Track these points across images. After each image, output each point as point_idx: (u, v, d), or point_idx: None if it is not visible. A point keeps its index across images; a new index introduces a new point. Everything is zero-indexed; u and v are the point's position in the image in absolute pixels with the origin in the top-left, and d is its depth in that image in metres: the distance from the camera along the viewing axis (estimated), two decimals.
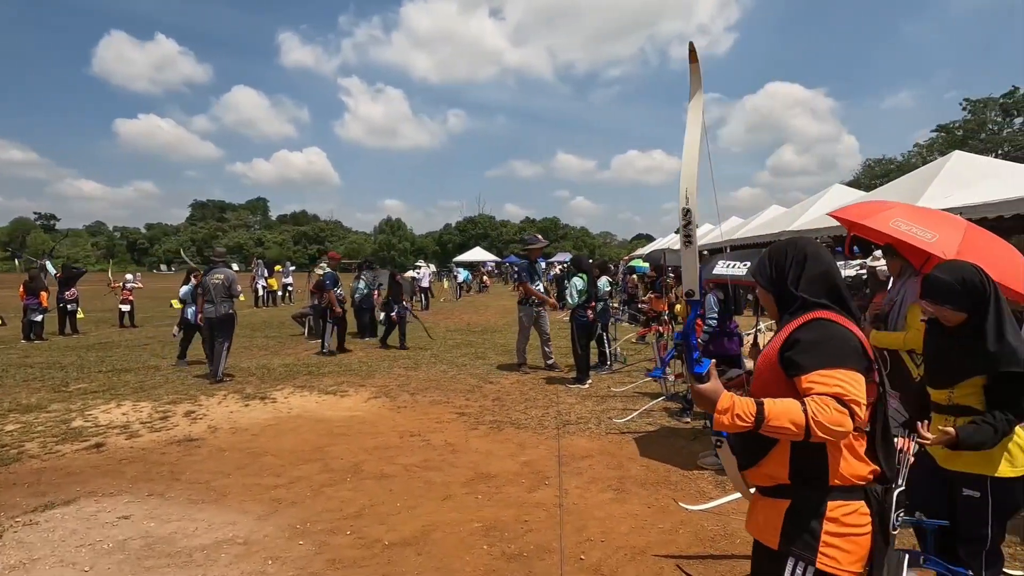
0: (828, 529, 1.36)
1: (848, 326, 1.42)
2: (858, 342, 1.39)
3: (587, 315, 7.00)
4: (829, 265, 1.54)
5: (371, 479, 4.14)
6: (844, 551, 1.34)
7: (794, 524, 1.40)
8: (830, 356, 1.34)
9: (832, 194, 16.64)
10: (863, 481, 1.37)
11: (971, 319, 2.12)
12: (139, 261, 79.74)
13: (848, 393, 1.28)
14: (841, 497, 1.37)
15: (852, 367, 1.32)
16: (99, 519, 3.48)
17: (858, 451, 1.37)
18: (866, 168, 50.49)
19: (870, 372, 1.38)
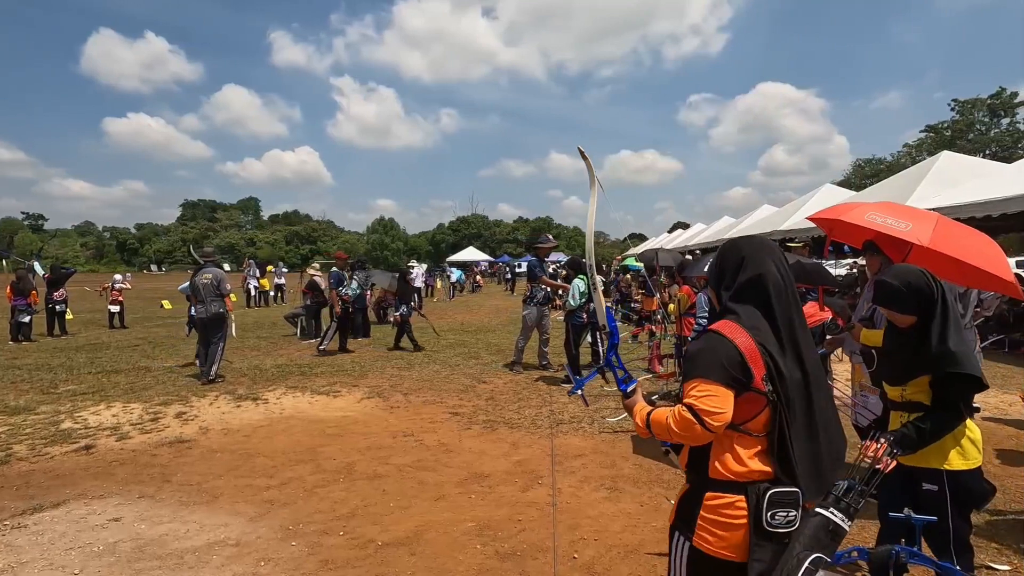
0: (704, 514, 1.53)
1: (734, 339, 1.50)
2: (733, 357, 1.48)
3: (582, 317, 7.01)
4: (763, 271, 1.59)
5: (364, 480, 4.13)
6: (716, 536, 1.51)
7: (683, 505, 1.62)
8: (698, 368, 1.50)
9: (823, 194, 16.77)
10: (743, 479, 1.50)
11: (920, 321, 2.22)
12: (129, 261, 78.99)
13: (698, 404, 1.46)
14: (718, 489, 1.52)
15: (713, 380, 1.46)
16: (89, 522, 3.45)
17: (740, 452, 1.51)
18: (856, 168, 50.87)
19: (744, 386, 1.47)
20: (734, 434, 1.51)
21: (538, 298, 7.97)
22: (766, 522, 1.46)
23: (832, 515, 1.50)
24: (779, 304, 1.56)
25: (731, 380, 1.47)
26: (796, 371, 1.53)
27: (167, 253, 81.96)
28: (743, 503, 1.49)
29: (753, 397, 1.49)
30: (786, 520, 1.47)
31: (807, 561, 1.41)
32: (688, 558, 1.57)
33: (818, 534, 1.47)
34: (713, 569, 1.53)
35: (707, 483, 1.54)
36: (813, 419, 1.52)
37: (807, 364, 1.55)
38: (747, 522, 1.48)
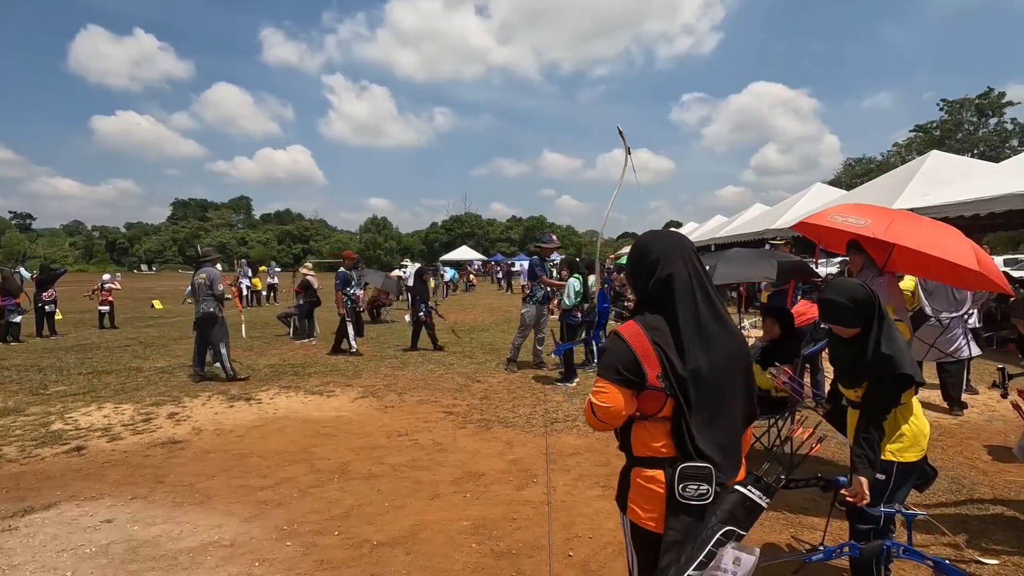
0: (632, 488, 1.68)
1: (628, 339, 1.62)
2: (627, 359, 1.60)
3: (576, 316, 7.04)
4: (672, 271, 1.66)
5: (358, 479, 4.12)
6: (642, 507, 1.65)
7: (619, 483, 1.77)
8: (600, 367, 1.68)
9: (814, 192, 16.89)
10: (660, 455, 1.64)
11: (862, 331, 2.33)
12: (119, 261, 78.30)
13: (592, 398, 1.63)
14: (641, 465, 1.67)
15: (605, 379, 1.62)
16: (81, 523, 3.42)
17: (652, 433, 1.64)
18: (847, 167, 51.30)
19: (640, 384, 1.60)
20: (647, 422, 1.65)
21: (538, 297, 7.99)
22: (678, 494, 1.57)
23: (750, 492, 1.58)
24: (682, 303, 1.63)
25: (622, 380, 1.60)
26: (699, 364, 1.60)
27: (157, 252, 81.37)
28: (661, 477, 1.61)
29: (653, 393, 1.61)
30: (697, 493, 1.57)
31: (719, 532, 1.52)
32: (630, 531, 1.72)
33: (735, 509, 1.56)
34: (646, 539, 1.66)
35: (633, 460, 1.69)
36: (717, 407, 1.63)
37: (712, 356, 1.62)
38: (664, 494, 1.60)
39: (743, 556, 1.49)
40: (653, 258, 1.69)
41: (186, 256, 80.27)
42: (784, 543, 3.18)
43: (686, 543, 1.54)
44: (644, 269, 1.71)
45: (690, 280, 1.65)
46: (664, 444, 1.63)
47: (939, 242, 3.13)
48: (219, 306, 7.50)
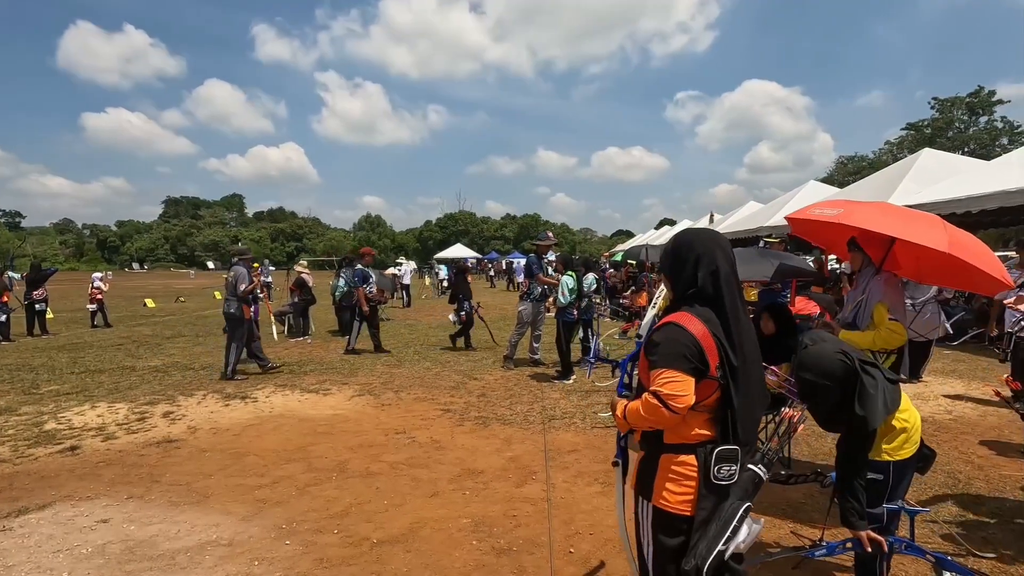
0: (661, 475, 1.73)
1: (691, 329, 1.67)
2: (692, 346, 1.65)
3: (573, 313, 7.04)
4: (717, 266, 1.75)
5: (356, 477, 4.11)
6: (672, 493, 1.70)
7: (642, 471, 1.81)
8: (663, 357, 1.67)
9: (808, 190, 16.96)
10: (692, 441, 1.71)
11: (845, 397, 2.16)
12: (110, 260, 77.61)
13: (662, 390, 1.63)
14: (673, 451, 1.72)
15: (675, 368, 1.64)
16: (76, 523, 3.39)
17: (688, 421, 1.70)
18: (839, 165, 51.56)
19: (703, 373, 1.66)
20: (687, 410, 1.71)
21: (535, 294, 7.99)
22: (713, 476, 1.66)
23: (758, 469, 1.73)
24: (728, 296, 1.73)
25: (691, 368, 1.65)
26: (743, 353, 1.71)
27: (149, 251, 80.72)
28: (694, 461, 1.70)
29: (708, 383, 1.68)
30: (729, 474, 1.68)
31: (741, 509, 1.65)
32: (653, 518, 1.76)
33: (747, 486, 1.71)
34: (674, 524, 1.72)
35: (661, 447, 1.74)
36: (750, 388, 1.74)
37: (746, 348, 1.73)
38: (697, 477, 1.68)
39: (753, 527, 1.68)
40: (699, 253, 1.78)
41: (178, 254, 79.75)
42: (779, 539, 3.19)
43: (711, 521, 1.64)
44: (689, 264, 1.78)
45: (730, 274, 1.77)
46: (699, 430, 1.71)
47: (910, 228, 3.12)
48: (240, 306, 7.47)
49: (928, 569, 2.82)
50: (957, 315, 9.80)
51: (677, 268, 1.83)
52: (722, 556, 1.61)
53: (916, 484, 3.91)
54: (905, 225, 3.14)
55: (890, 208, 3.57)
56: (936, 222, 3.19)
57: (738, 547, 1.64)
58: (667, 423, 1.68)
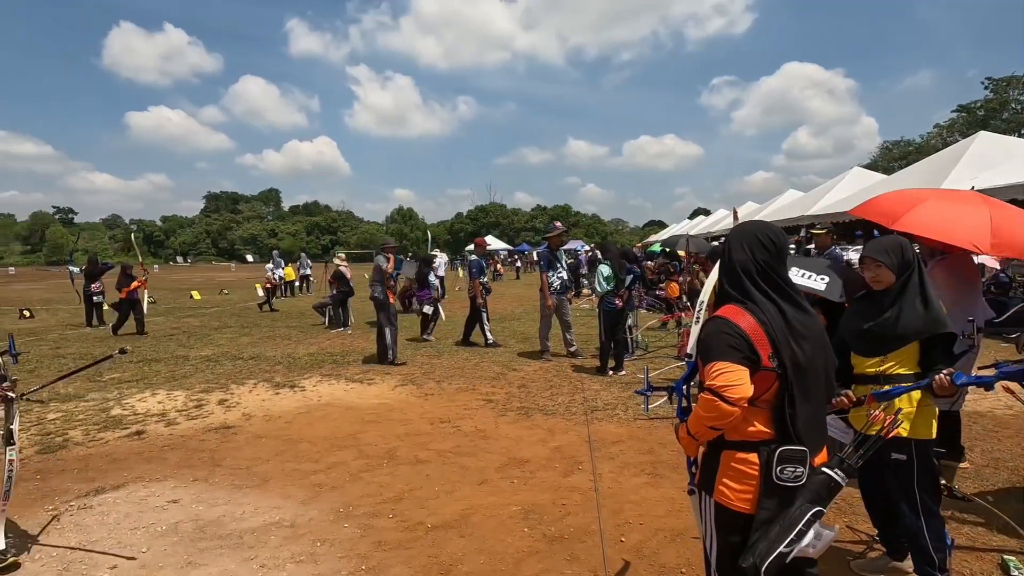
0: (722, 471, 1.71)
1: (737, 321, 1.65)
2: (737, 336, 1.63)
3: (615, 303, 6.96)
4: (753, 258, 1.74)
5: (406, 465, 4.22)
6: (733, 489, 1.69)
7: (704, 465, 1.80)
8: (711, 351, 1.65)
9: (851, 177, 16.39)
10: (755, 438, 1.67)
11: (897, 284, 2.38)
12: (156, 253, 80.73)
13: (716, 383, 1.60)
14: (735, 448, 1.69)
15: (726, 359, 1.61)
16: (149, 503, 3.59)
17: (747, 417, 1.66)
18: (884, 151, 49.53)
19: (756, 364, 1.63)
20: (747, 406, 1.66)
21: (555, 287, 7.97)
22: (775, 476, 1.62)
23: (835, 475, 1.66)
24: (775, 284, 1.72)
25: (742, 358, 1.62)
26: (799, 345, 1.67)
27: (192, 245, 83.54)
28: (755, 459, 1.66)
29: (764, 375, 1.64)
30: (793, 475, 1.63)
31: (809, 513, 1.59)
32: (714, 513, 1.75)
33: (820, 490, 1.65)
34: (734, 521, 1.70)
35: (723, 444, 1.72)
36: (809, 385, 1.68)
37: (803, 341, 1.69)
38: (759, 476, 1.65)
39: (824, 532, 1.60)
40: (739, 246, 1.78)
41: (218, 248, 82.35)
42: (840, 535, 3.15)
43: (775, 522, 1.60)
44: (732, 254, 1.78)
45: (776, 264, 1.75)
46: (759, 427, 1.67)
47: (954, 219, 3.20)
48: (384, 291, 8.02)
49: (989, 565, 2.76)
50: (1016, 305, 9.38)
51: (722, 264, 1.83)
52: (784, 559, 1.57)
53: (979, 478, 3.80)
54: (957, 219, 3.15)
55: (941, 200, 3.50)
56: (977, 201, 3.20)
57: (805, 552, 1.59)
58: (726, 419, 1.62)
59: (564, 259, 8.57)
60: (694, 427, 1.72)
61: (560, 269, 8.13)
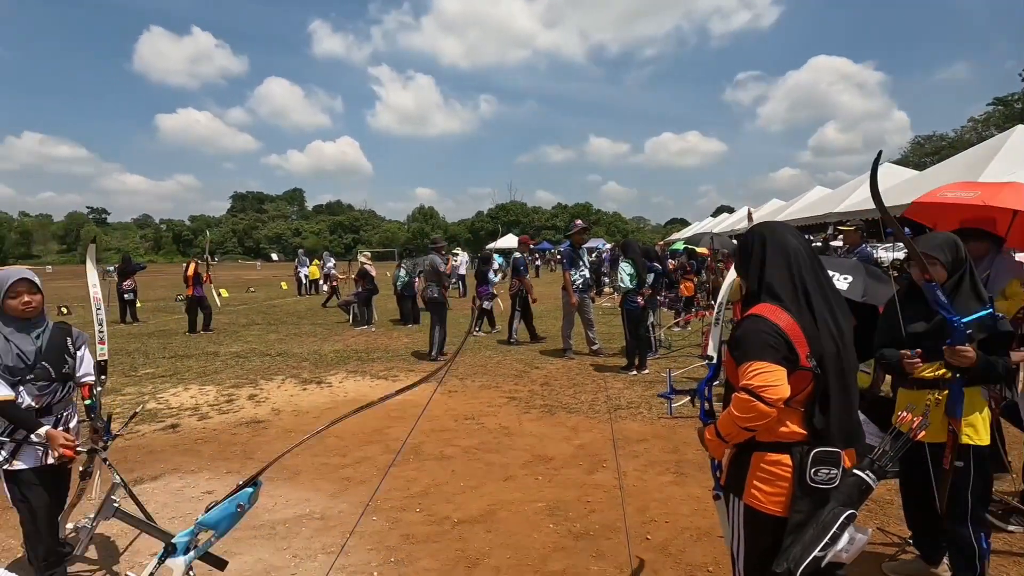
0: (753, 473, 1.68)
1: (774, 319, 1.62)
2: (776, 335, 1.60)
3: (637, 301, 6.93)
4: (789, 252, 1.73)
5: (432, 460, 4.28)
6: (764, 492, 1.66)
7: (733, 467, 1.77)
8: (748, 350, 1.62)
9: (883, 173, 15.95)
10: (787, 439, 1.64)
11: (951, 280, 2.32)
12: (184, 252, 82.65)
13: (752, 383, 1.56)
14: (766, 450, 1.66)
15: (764, 358, 1.57)
16: (185, 493, 3.72)
17: (780, 418, 1.62)
18: (915, 146, 48.19)
19: (794, 363, 1.60)
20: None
21: (578, 284, 7.97)
22: (809, 478, 1.60)
23: (867, 476, 1.64)
24: (810, 282, 1.70)
25: (780, 357, 1.58)
26: (833, 345, 1.65)
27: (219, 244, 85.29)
28: (788, 461, 1.63)
29: (801, 375, 1.61)
30: (827, 477, 1.61)
31: (843, 516, 1.56)
32: (744, 516, 1.73)
33: (851, 492, 1.62)
34: (764, 524, 1.68)
35: (754, 445, 1.69)
36: (847, 383, 1.67)
37: (844, 336, 1.68)
38: (791, 478, 1.62)
39: (858, 536, 1.57)
40: (767, 242, 1.76)
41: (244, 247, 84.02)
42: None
43: (808, 525, 1.57)
44: (758, 253, 1.76)
45: (808, 261, 1.72)
46: (792, 428, 1.65)
47: None
48: (440, 290, 8.31)
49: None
50: None
51: (747, 263, 1.81)
52: (818, 563, 1.54)
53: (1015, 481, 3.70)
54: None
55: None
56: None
57: (839, 556, 1.56)
58: (762, 419, 1.57)
59: (586, 257, 8.55)
60: (725, 428, 1.68)
61: (582, 267, 8.12)
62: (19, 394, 2.37)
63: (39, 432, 2.36)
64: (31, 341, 2.43)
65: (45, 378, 2.45)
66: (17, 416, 2.34)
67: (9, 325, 2.41)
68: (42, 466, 2.45)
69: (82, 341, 2.70)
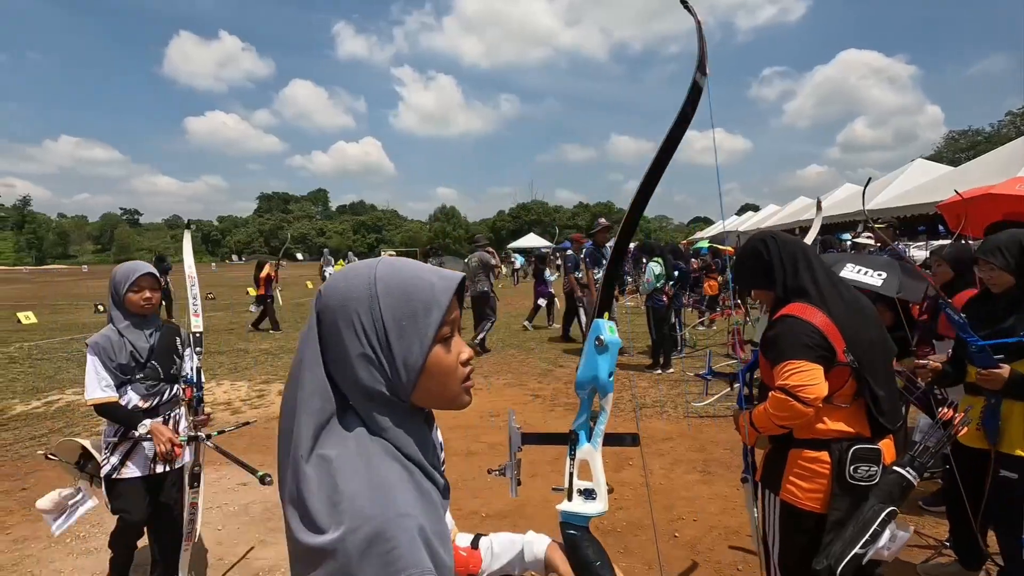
0: (790, 469, 1.68)
1: (809, 318, 1.61)
2: (812, 335, 1.58)
3: (663, 300, 6.90)
4: (804, 255, 1.74)
5: (458, 455, 4.33)
6: (801, 488, 1.65)
7: (769, 463, 1.77)
8: (782, 351, 1.61)
9: (914, 170, 15.57)
10: (826, 436, 1.64)
11: (1017, 285, 2.15)
12: (213, 252, 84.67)
13: (789, 382, 1.57)
14: (804, 447, 1.66)
15: (801, 358, 1.57)
16: (221, 485, 3.83)
17: (822, 415, 1.63)
18: (949, 141, 46.81)
19: (829, 360, 1.59)
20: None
21: (597, 283, 7.94)
22: (848, 475, 1.59)
23: (907, 473, 1.62)
24: (833, 275, 1.73)
25: (817, 357, 1.57)
26: (870, 340, 1.64)
27: (245, 244, 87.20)
28: (827, 458, 1.62)
29: (839, 371, 1.59)
30: (867, 474, 1.59)
31: (883, 513, 1.55)
32: (780, 512, 1.72)
33: (892, 489, 1.60)
34: (802, 521, 1.67)
35: (791, 441, 1.68)
36: (886, 373, 1.66)
37: (872, 334, 1.67)
38: (830, 475, 1.61)
39: (899, 533, 1.55)
40: (784, 249, 1.76)
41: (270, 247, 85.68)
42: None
43: (848, 523, 1.56)
44: (783, 259, 1.76)
45: (824, 264, 1.76)
46: (829, 424, 1.64)
47: None
48: (491, 285, 8.72)
49: None
50: None
51: (768, 272, 1.77)
52: (859, 560, 1.53)
53: None
54: None
55: None
56: None
57: (880, 554, 1.55)
58: (799, 418, 1.58)
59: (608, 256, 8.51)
60: (761, 422, 1.69)
61: (605, 266, 8.09)
62: (125, 394, 2.31)
63: (143, 423, 2.28)
64: (145, 339, 2.37)
65: (154, 377, 2.39)
66: (120, 416, 2.28)
67: (127, 320, 2.35)
68: (150, 475, 2.40)
69: (191, 340, 2.62)
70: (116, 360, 2.27)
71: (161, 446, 2.31)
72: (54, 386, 6.66)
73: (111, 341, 2.29)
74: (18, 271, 56.29)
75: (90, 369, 2.25)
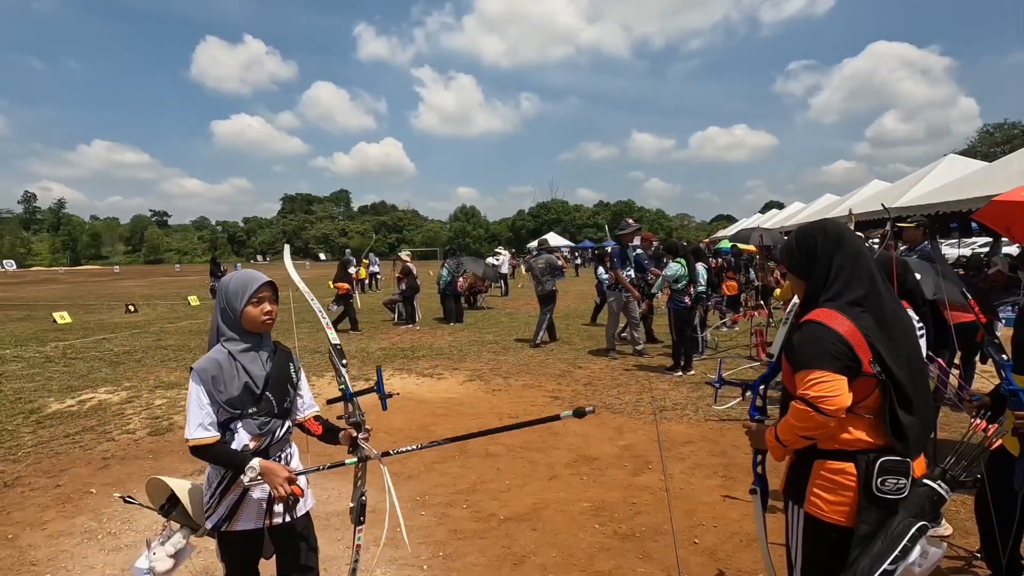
0: (814, 481, 1.63)
1: (834, 326, 1.55)
2: (837, 343, 1.53)
3: (684, 301, 6.83)
4: (857, 254, 1.64)
5: (478, 458, 4.35)
6: (826, 501, 1.60)
7: (793, 474, 1.72)
8: (805, 359, 1.56)
9: (946, 165, 15.12)
10: (851, 447, 1.58)
11: None
12: (238, 252, 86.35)
13: (811, 392, 1.52)
14: (829, 458, 1.60)
15: (824, 367, 1.52)
16: None
17: (847, 425, 1.57)
18: (983, 135, 45.31)
19: (854, 370, 1.53)
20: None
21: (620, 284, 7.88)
22: (876, 488, 1.54)
23: (939, 487, 1.57)
24: (880, 282, 1.64)
25: (841, 367, 1.52)
26: (901, 350, 1.58)
27: (270, 244, 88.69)
28: (852, 469, 1.57)
29: (864, 381, 1.54)
30: (895, 487, 1.54)
31: (914, 528, 1.50)
32: (804, 525, 1.67)
33: (923, 503, 1.56)
34: (826, 534, 1.62)
35: (816, 453, 1.63)
36: (918, 394, 1.59)
37: (905, 342, 1.60)
38: (856, 487, 1.56)
39: (931, 550, 1.50)
40: (831, 242, 1.67)
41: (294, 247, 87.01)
42: None
43: (876, 537, 1.52)
44: (820, 254, 1.68)
45: (870, 261, 1.65)
46: (856, 435, 1.59)
47: None
48: (555, 284, 9.24)
49: None
50: None
51: (811, 263, 1.70)
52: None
53: None
54: None
55: None
56: None
57: (910, 570, 1.49)
58: (822, 429, 1.54)
59: (633, 256, 8.46)
60: (784, 435, 1.64)
61: (629, 267, 8.04)
62: (236, 432, 1.92)
63: (251, 466, 1.82)
64: (261, 364, 1.97)
65: (267, 412, 1.98)
66: (223, 459, 1.88)
67: (241, 341, 1.94)
68: (270, 526, 2.01)
69: (300, 365, 2.25)
70: (227, 392, 1.86)
71: (279, 489, 1.85)
72: (87, 385, 6.87)
73: (221, 368, 1.87)
74: (54, 272, 58.18)
75: (192, 401, 1.83)
